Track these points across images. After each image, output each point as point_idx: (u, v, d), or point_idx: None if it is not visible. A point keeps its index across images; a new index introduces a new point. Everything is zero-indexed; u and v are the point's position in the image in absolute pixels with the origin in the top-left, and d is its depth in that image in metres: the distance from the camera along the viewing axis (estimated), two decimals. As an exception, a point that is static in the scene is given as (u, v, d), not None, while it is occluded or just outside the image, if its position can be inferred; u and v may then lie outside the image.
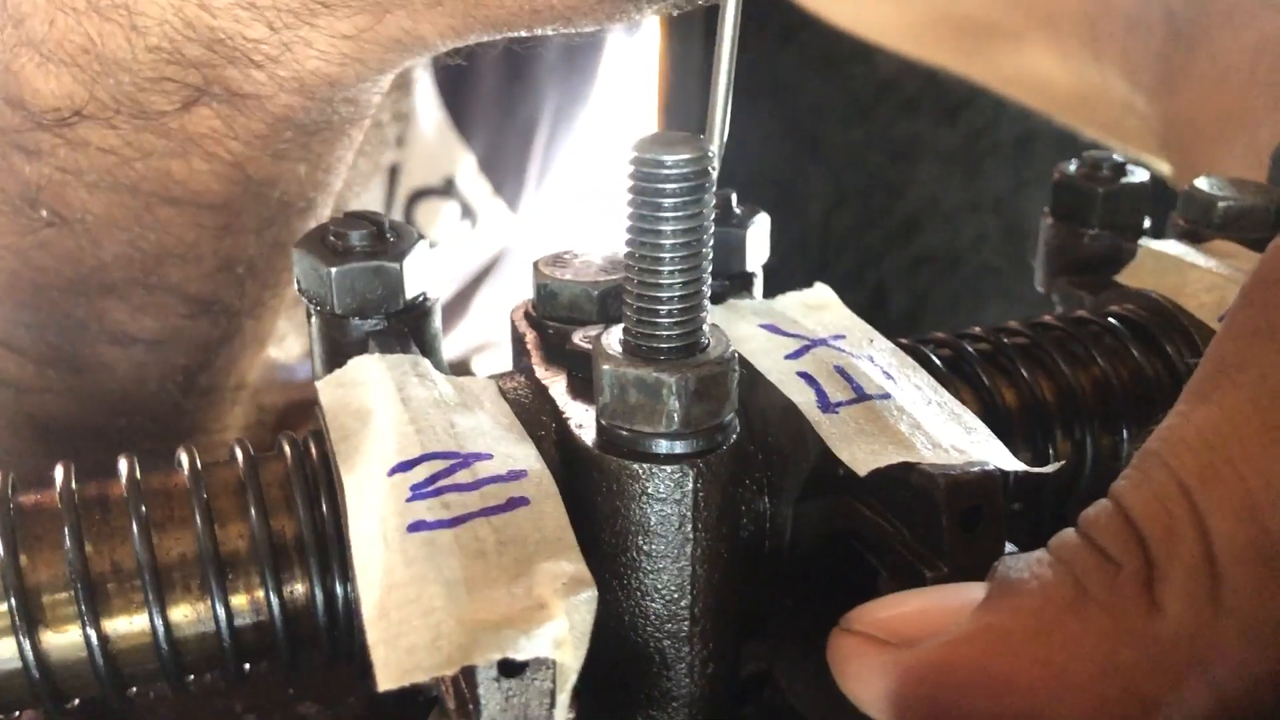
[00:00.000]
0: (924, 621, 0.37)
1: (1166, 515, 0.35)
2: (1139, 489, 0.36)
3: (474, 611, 0.37)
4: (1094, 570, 0.35)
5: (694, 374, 0.42)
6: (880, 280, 1.90)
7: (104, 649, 0.43)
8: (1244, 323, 0.37)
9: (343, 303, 0.50)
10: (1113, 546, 0.35)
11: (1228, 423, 0.35)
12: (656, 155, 0.41)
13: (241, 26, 0.52)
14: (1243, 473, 0.34)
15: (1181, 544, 0.34)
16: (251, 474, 0.46)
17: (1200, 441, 0.35)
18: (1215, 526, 0.34)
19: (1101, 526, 0.36)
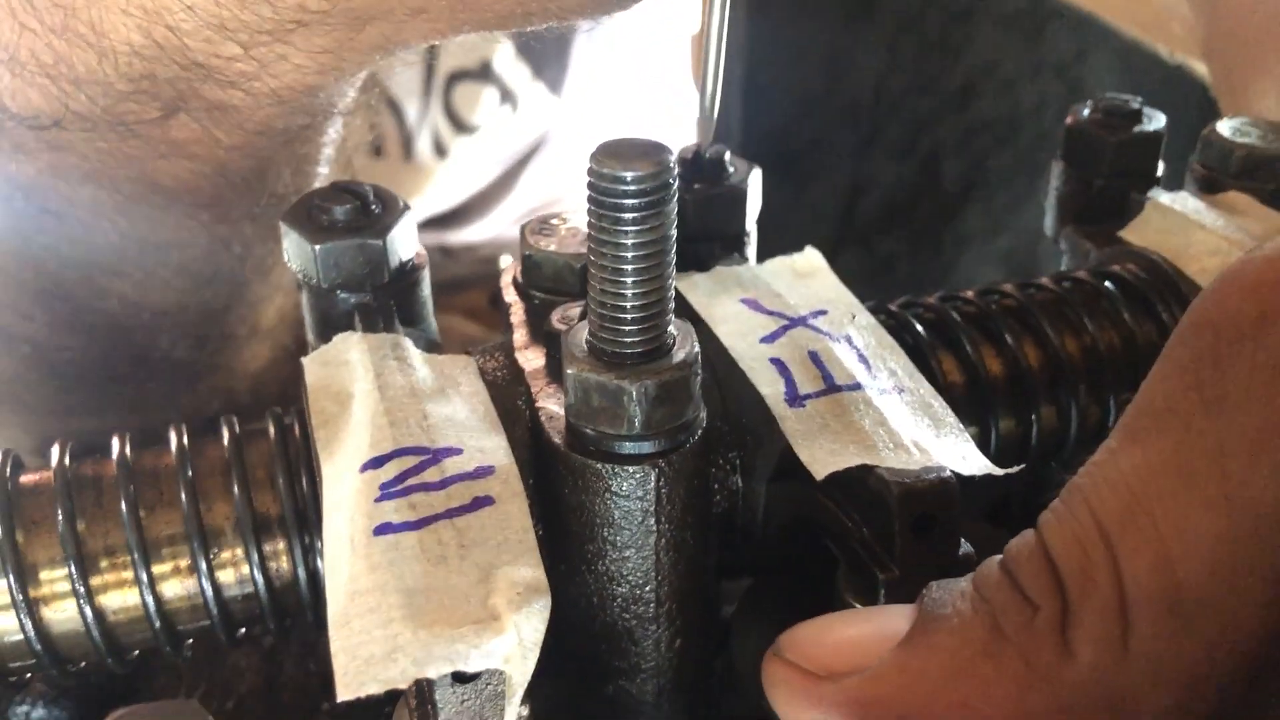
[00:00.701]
0: (851, 654, 0.39)
1: (1084, 557, 0.36)
2: (1061, 527, 0.37)
3: (431, 623, 0.39)
4: (1012, 611, 0.36)
5: (654, 380, 0.43)
6: (934, 148, 1.86)
7: (99, 622, 0.46)
8: (1174, 365, 0.37)
9: (328, 277, 0.51)
10: (1032, 586, 0.36)
11: (1149, 470, 0.35)
12: (616, 171, 0.41)
13: (213, 46, 0.51)
14: (1159, 522, 0.35)
15: (1096, 588, 0.35)
16: (236, 454, 0.48)
17: (1123, 485, 0.36)
18: (1129, 572, 0.35)
19: (1023, 563, 0.37)
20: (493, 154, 1.36)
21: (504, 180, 1.41)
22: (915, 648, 0.37)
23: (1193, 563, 0.34)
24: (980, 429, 0.55)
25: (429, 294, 0.55)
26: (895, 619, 0.39)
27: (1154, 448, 0.35)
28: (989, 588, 0.37)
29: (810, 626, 0.41)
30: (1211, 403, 0.35)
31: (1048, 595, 0.36)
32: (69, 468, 0.48)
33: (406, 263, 0.53)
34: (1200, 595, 0.34)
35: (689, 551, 0.47)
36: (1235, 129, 0.64)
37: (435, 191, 1.38)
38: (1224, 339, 0.35)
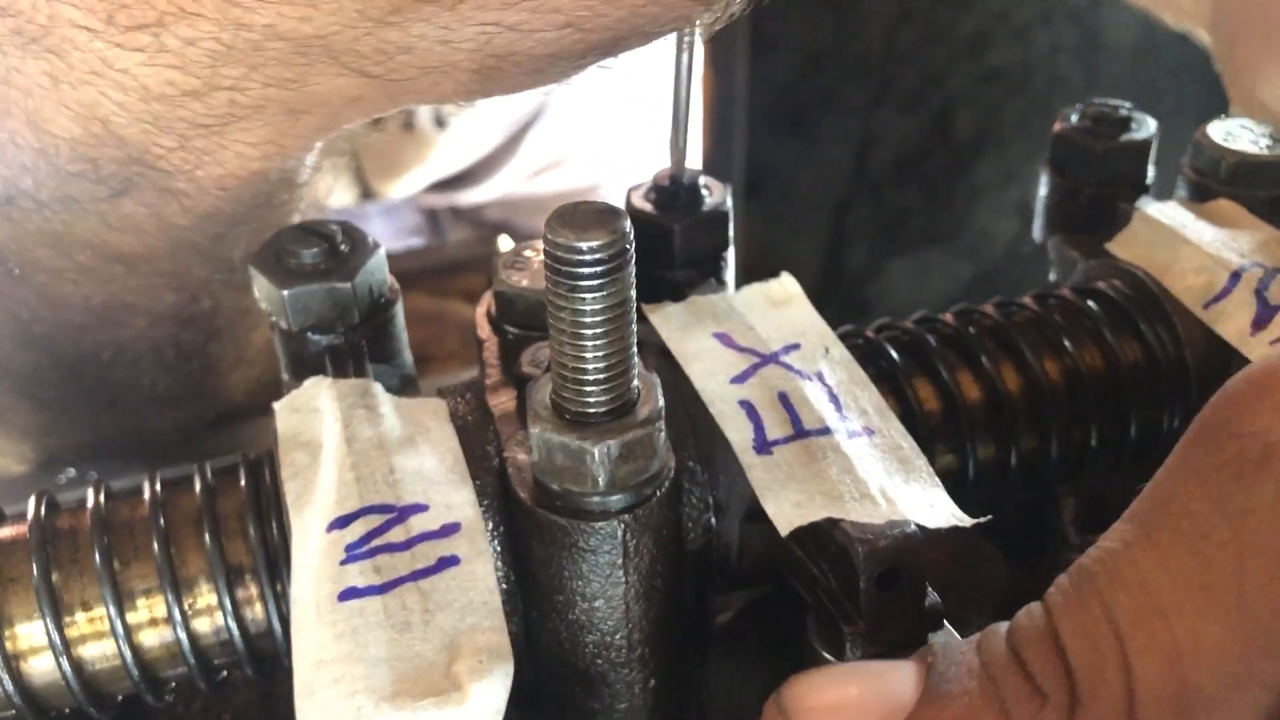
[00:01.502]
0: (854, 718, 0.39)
1: (1095, 651, 0.36)
2: (1073, 618, 0.37)
3: (394, 695, 0.40)
4: (1022, 699, 0.37)
5: (617, 440, 0.43)
6: (946, 99, 1.83)
7: (78, 673, 0.47)
8: (1194, 470, 0.37)
9: (297, 321, 0.51)
10: (1041, 674, 0.37)
11: (1165, 573, 0.36)
12: (571, 241, 0.40)
13: (150, 139, 0.51)
14: (1174, 626, 0.36)
15: (1105, 684, 0.36)
16: (209, 504, 0.48)
17: (1138, 585, 0.36)
18: (1139, 672, 0.36)
19: (1033, 648, 0.38)
20: (494, 120, 1.35)
21: (509, 144, 1.41)
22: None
23: (1203, 668, 0.35)
24: (958, 456, 0.55)
25: (402, 328, 0.54)
26: (899, 681, 0.39)
27: (1172, 553, 0.36)
28: (997, 667, 0.38)
29: (813, 681, 0.41)
30: (1233, 517, 0.36)
31: (1056, 685, 0.37)
32: (45, 521, 0.48)
33: (378, 299, 0.53)
34: (1207, 698, 0.35)
35: (659, 597, 0.48)
36: (1227, 132, 0.63)
37: (439, 158, 1.38)
38: (1248, 456, 0.36)
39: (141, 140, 0.51)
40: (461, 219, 1.51)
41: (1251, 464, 0.36)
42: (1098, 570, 0.37)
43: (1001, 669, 0.38)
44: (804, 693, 0.41)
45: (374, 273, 0.52)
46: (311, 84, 0.50)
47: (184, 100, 0.49)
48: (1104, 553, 0.38)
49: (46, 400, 0.70)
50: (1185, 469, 0.38)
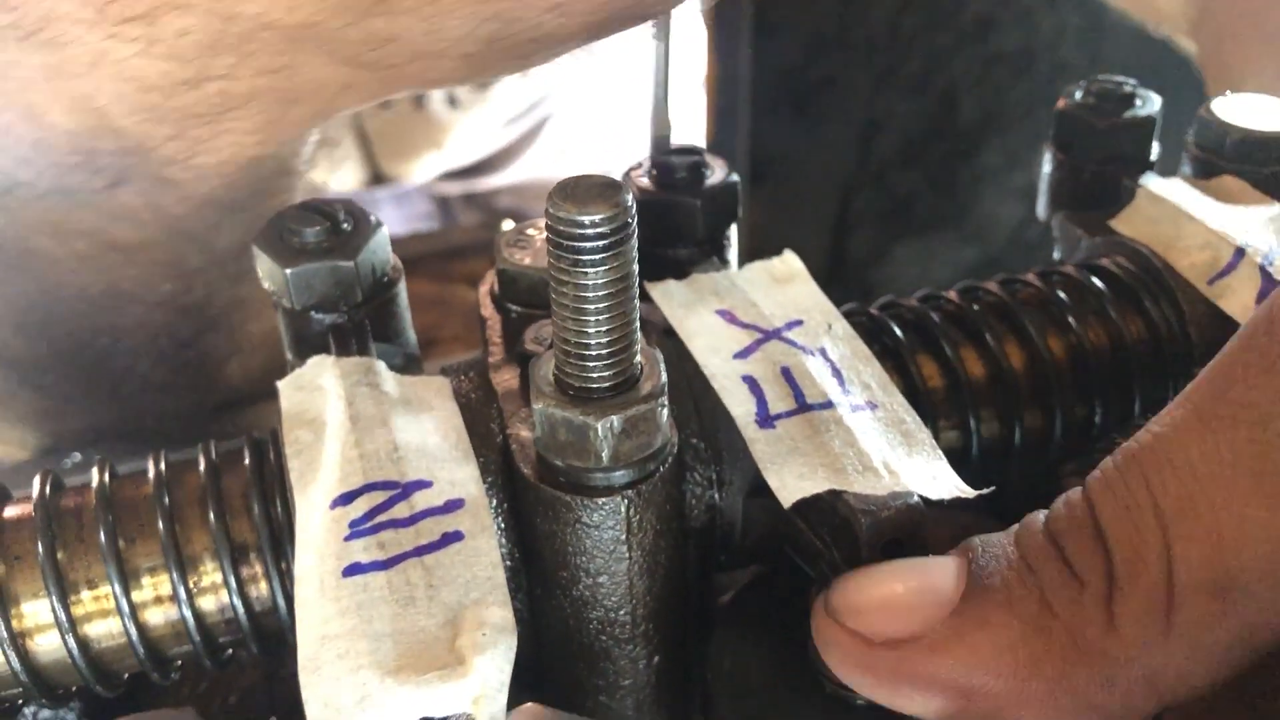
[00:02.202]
0: (902, 615, 0.40)
1: (1136, 535, 0.37)
2: (1114, 500, 0.37)
3: (398, 669, 0.40)
4: (1060, 586, 0.38)
5: (620, 416, 0.43)
6: (950, 83, 1.82)
7: (84, 651, 0.47)
8: (1258, 357, 0.37)
9: (300, 300, 0.51)
10: (1079, 560, 0.38)
11: (1218, 460, 0.36)
12: (573, 215, 0.40)
13: (146, 129, 0.52)
14: (1219, 512, 0.36)
15: (1146, 568, 0.36)
16: (213, 483, 0.48)
17: (1187, 469, 0.36)
18: (1180, 556, 0.36)
19: (1072, 535, 0.38)
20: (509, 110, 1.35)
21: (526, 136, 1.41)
22: (967, 620, 0.39)
23: (1245, 554, 0.35)
24: (962, 432, 0.55)
25: (406, 307, 0.54)
26: (941, 575, 0.40)
27: (1225, 438, 0.36)
28: (1036, 558, 0.39)
29: (860, 582, 0.42)
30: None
31: (1095, 571, 0.37)
32: (50, 500, 0.48)
33: (381, 278, 0.53)
34: (1247, 583, 0.35)
35: (663, 573, 0.48)
36: (1230, 108, 0.62)
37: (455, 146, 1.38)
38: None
39: (138, 130, 0.52)
40: (473, 205, 1.51)
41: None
42: (1144, 454, 0.37)
43: (1039, 558, 0.38)
44: (852, 594, 0.42)
45: (377, 251, 0.52)
46: (302, 73, 0.50)
47: (179, 90, 0.50)
48: (1152, 436, 0.38)
49: (45, 387, 0.71)
50: (1248, 354, 0.37)
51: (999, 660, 0.38)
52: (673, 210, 0.56)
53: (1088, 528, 0.38)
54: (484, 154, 1.41)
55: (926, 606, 0.40)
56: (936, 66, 1.81)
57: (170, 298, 0.65)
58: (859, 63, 1.76)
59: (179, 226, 0.59)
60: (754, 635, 0.49)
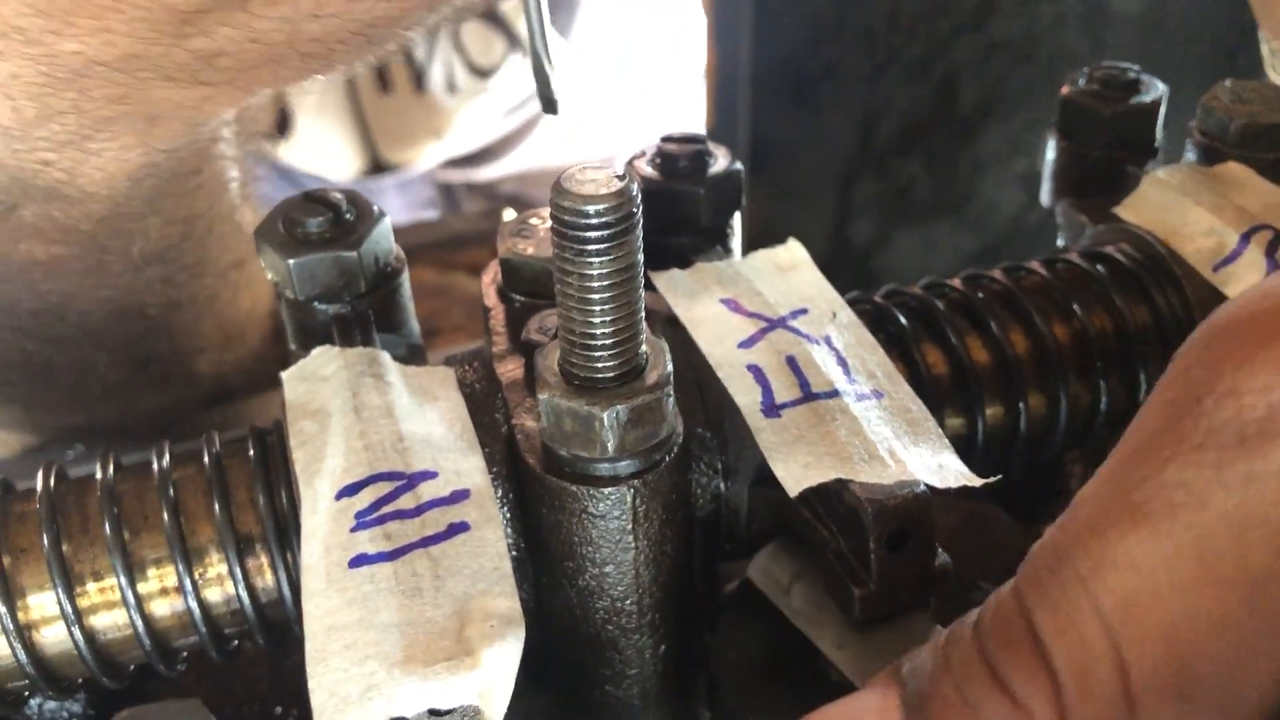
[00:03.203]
0: None
1: (1080, 644, 0.33)
2: (1051, 607, 0.34)
3: (405, 660, 0.40)
4: None
5: (626, 405, 0.43)
6: (950, 70, 1.82)
7: (90, 643, 0.47)
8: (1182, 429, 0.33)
9: (304, 290, 0.51)
10: (1021, 683, 0.34)
11: (1157, 549, 0.33)
12: (577, 204, 0.40)
13: (20, 160, 0.53)
14: (1168, 608, 0.32)
15: (1097, 682, 0.33)
16: (218, 474, 0.48)
17: (1127, 566, 0.33)
18: (1135, 661, 0.33)
19: (1010, 654, 0.34)
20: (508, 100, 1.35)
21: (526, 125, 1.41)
22: None
23: (1204, 649, 0.32)
24: (967, 419, 0.55)
25: (409, 298, 0.54)
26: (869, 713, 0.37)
27: (1164, 527, 0.33)
28: (973, 688, 0.35)
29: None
30: (1235, 484, 0.32)
31: (1040, 694, 0.33)
32: (55, 492, 0.48)
33: (384, 268, 0.53)
34: (1208, 678, 0.32)
35: (669, 562, 0.48)
36: (1236, 94, 0.62)
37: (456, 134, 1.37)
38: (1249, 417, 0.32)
39: (13, 160, 0.53)
40: (476, 193, 1.50)
41: (1254, 425, 0.32)
42: (1076, 551, 0.34)
43: (976, 688, 0.35)
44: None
45: (380, 241, 0.52)
46: (147, 97, 0.51)
47: (32, 125, 0.51)
48: (1081, 529, 0.34)
49: (10, 395, 0.71)
50: (1173, 434, 0.34)
51: None
52: (676, 199, 0.56)
53: (1025, 641, 0.34)
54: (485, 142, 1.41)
55: None
56: (937, 53, 1.80)
57: (104, 305, 0.66)
58: (859, 50, 1.75)
59: (88, 241, 0.60)
60: (759, 624, 0.49)
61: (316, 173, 1.38)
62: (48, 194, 0.56)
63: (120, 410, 0.73)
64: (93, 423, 0.74)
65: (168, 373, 0.73)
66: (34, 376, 0.69)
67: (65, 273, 0.62)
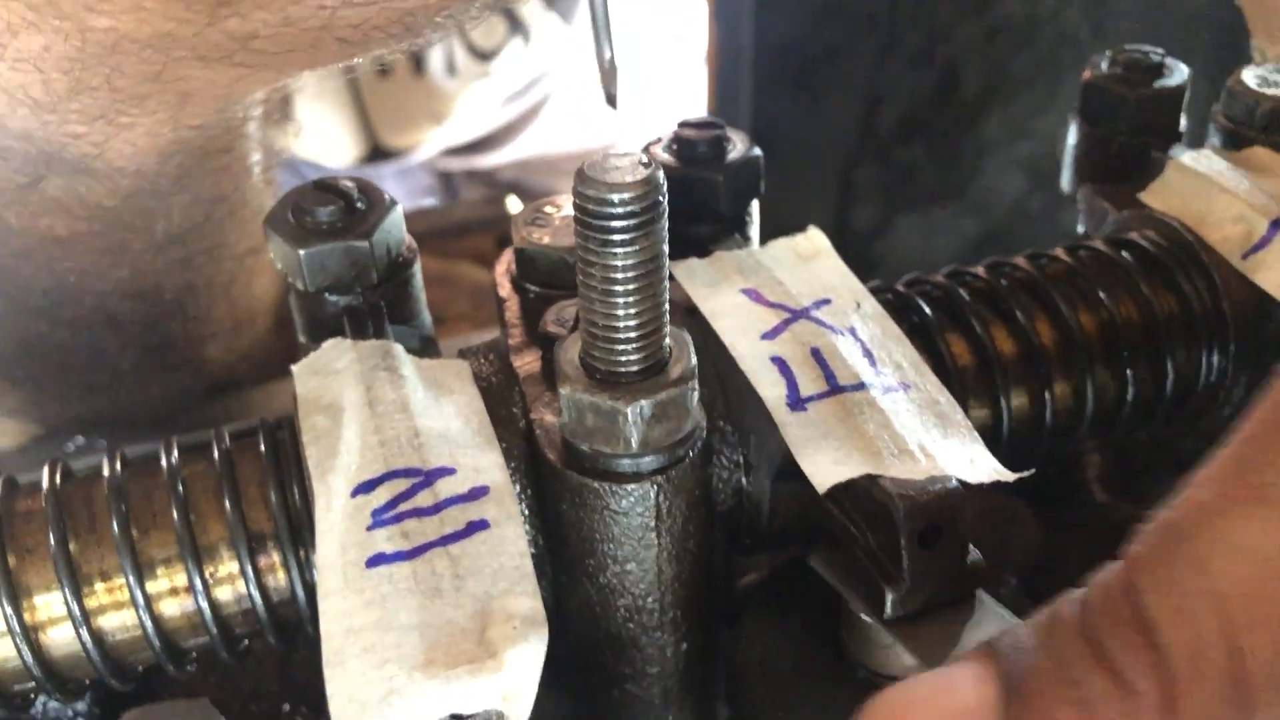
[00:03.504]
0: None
1: (1195, 631, 0.32)
2: (1166, 589, 0.32)
3: (427, 663, 0.39)
4: (1111, 699, 0.32)
5: (649, 400, 0.42)
6: (953, 54, 1.81)
7: (98, 645, 0.46)
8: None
9: (314, 281, 0.50)
10: (1128, 663, 0.32)
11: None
12: (602, 193, 0.39)
13: (50, 131, 0.51)
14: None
15: (1210, 666, 0.32)
16: (228, 471, 0.47)
17: (1251, 553, 0.32)
18: (1252, 648, 0.31)
19: (1116, 633, 0.33)
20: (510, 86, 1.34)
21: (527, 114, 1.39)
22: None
23: None
24: (992, 410, 0.54)
25: (421, 288, 0.53)
26: (967, 692, 0.35)
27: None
28: (1076, 665, 0.33)
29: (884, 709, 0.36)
30: None
31: (1150, 676, 0.32)
32: (60, 490, 0.47)
33: (396, 258, 0.52)
34: None
35: (691, 559, 0.47)
36: (1262, 78, 0.61)
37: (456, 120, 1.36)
38: None
39: (42, 133, 0.52)
40: (476, 181, 1.49)
41: None
42: (1192, 531, 0.32)
43: (1079, 665, 0.33)
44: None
45: (392, 231, 0.50)
46: (180, 75, 0.50)
47: (63, 99, 0.50)
48: (1199, 510, 0.33)
49: (18, 380, 0.70)
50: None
51: None
52: (694, 186, 0.55)
53: (1134, 621, 0.33)
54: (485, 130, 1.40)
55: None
56: (938, 38, 1.79)
57: (121, 285, 0.65)
58: (861, 35, 1.74)
59: (112, 217, 0.59)
60: (784, 622, 0.48)
61: (314, 159, 1.36)
62: (75, 167, 0.55)
63: (126, 399, 0.72)
64: (98, 411, 0.73)
65: (177, 360, 0.72)
66: (45, 360, 0.68)
67: (85, 251, 0.61)
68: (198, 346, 0.72)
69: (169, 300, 0.68)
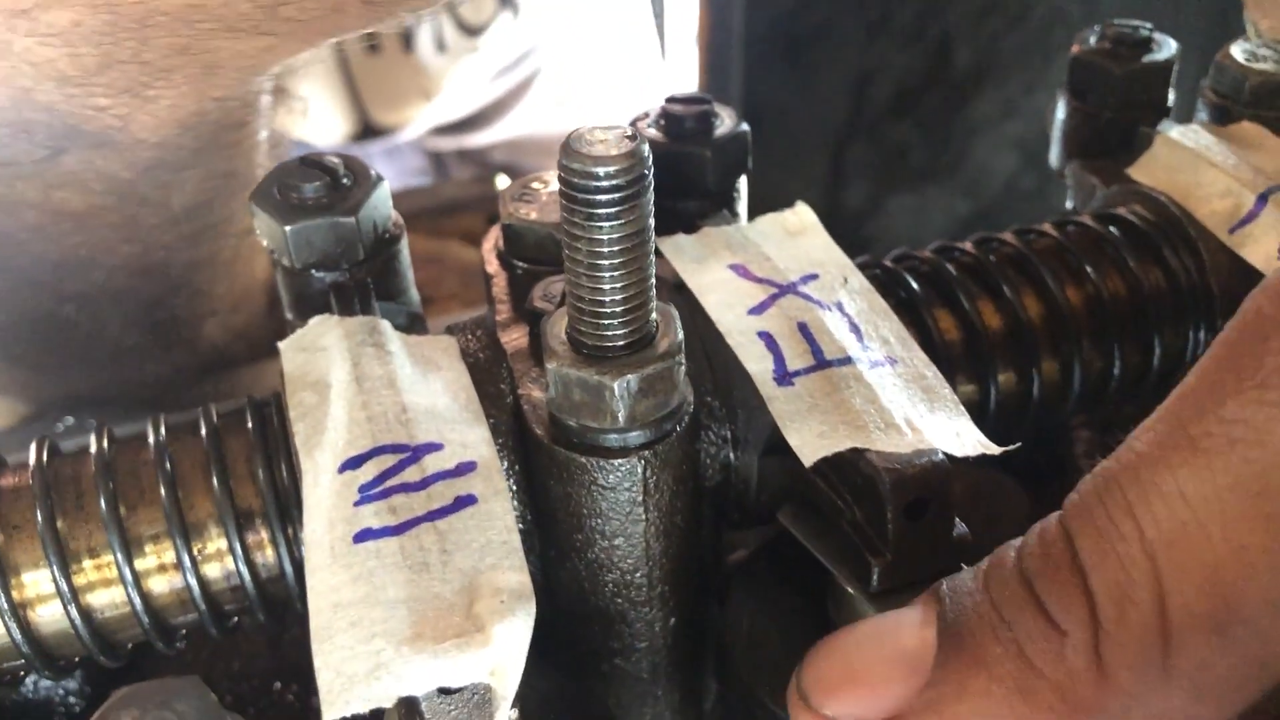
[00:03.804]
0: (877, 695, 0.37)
1: (1121, 570, 0.33)
2: (1095, 532, 0.34)
3: (414, 638, 0.39)
4: (1040, 639, 0.34)
5: (636, 375, 0.42)
6: (944, 32, 1.80)
7: (87, 622, 0.46)
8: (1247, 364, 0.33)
9: (301, 258, 0.49)
10: (1058, 605, 0.34)
11: (1211, 484, 0.32)
12: (587, 166, 0.39)
13: (75, 104, 0.51)
14: (1215, 541, 0.32)
15: (1135, 609, 0.33)
16: (215, 448, 0.47)
17: (1177, 495, 0.33)
18: (1173, 590, 0.33)
19: (1048, 576, 0.35)
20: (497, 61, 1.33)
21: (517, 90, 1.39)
22: (945, 691, 0.36)
23: (1246, 585, 0.32)
24: (979, 385, 0.54)
25: (408, 265, 0.53)
26: (910, 636, 0.37)
27: (1220, 461, 0.32)
28: (1010, 606, 0.35)
29: (826, 658, 0.39)
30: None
31: (1077, 617, 0.34)
32: (48, 467, 0.47)
33: (382, 234, 0.51)
34: (1248, 616, 0.32)
35: (679, 534, 0.47)
36: (1250, 53, 0.61)
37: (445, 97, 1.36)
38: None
39: (67, 105, 0.52)
40: (466, 160, 1.48)
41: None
42: (1126, 477, 0.34)
43: (1013, 607, 0.35)
44: (821, 670, 0.39)
45: (378, 206, 0.50)
46: (209, 47, 0.50)
47: (92, 72, 0.50)
48: (1136, 457, 0.34)
49: (17, 357, 0.70)
50: (1237, 370, 0.33)
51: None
52: (681, 161, 0.54)
53: (1066, 565, 0.34)
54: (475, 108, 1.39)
55: (901, 677, 0.37)
56: (930, 15, 1.78)
57: (130, 261, 0.65)
58: (852, 12, 1.74)
59: (128, 190, 0.59)
60: (772, 596, 0.48)
61: (304, 138, 1.36)
62: (96, 140, 0.55)
63: (122, 377, 0.72)
64: (91, 390, 0.73)
65: (174, 337, 0.72)
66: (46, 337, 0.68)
67: (97, 225, 0.61)
68: (197, 324, 0.72)
69: (175, 276, 0.68)
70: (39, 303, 0.67)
